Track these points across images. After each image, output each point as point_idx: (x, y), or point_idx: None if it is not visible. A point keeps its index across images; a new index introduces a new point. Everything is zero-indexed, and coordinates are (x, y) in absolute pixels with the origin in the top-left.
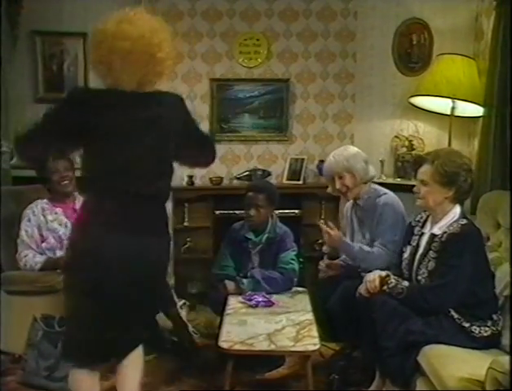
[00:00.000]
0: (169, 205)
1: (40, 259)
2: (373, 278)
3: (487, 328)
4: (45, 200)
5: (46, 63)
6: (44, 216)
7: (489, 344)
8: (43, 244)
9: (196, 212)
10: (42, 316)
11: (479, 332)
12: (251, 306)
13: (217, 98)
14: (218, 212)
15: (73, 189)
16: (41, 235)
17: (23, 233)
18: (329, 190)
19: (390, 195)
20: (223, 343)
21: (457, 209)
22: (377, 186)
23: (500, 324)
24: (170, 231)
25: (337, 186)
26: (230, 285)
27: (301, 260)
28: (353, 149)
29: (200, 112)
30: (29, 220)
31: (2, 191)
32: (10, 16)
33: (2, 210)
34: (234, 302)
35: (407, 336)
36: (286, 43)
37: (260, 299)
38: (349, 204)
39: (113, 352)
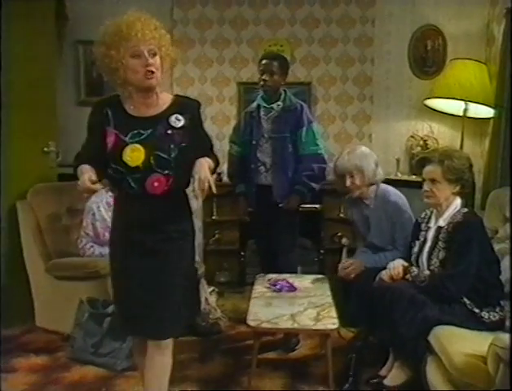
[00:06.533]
0: (199, 200)
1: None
2: (397, 265)
3: (495, 314)
4: (110, 193)
5: (87, 70)
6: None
7: (497, 327)
8: (103, 239)
9: (223, 206)
10: (88, 299)
11: (489, 318)
12: (275, 291)
13: (244, 100)
14: None
15: None
16: (103, 230)
17: (90, 227)
18: (336, 186)
19: (398, 194)
20: (251, 321)
21: (458, 201)
22: (384, 186)
23: (507, 309)
24: (200, 224)
25: (347, 183)
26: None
27: (321, 251)
28: (366, 149)
29: (229, 113)
30: (94, 214)
31: (48, 187)
32: (57, 28)
33: (51, 205)
34: (260, 287)
35: (424, 324)
36: (308, 49)
37: (284, 284)
38: (353, 201)
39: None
